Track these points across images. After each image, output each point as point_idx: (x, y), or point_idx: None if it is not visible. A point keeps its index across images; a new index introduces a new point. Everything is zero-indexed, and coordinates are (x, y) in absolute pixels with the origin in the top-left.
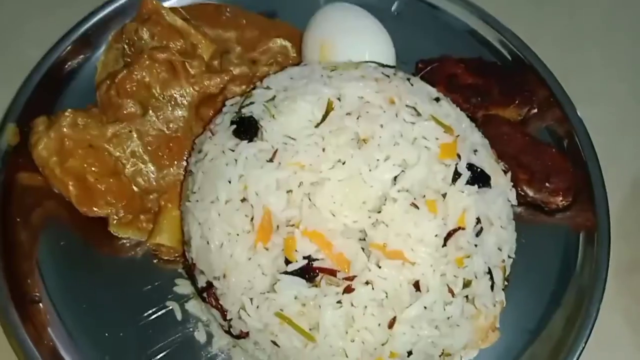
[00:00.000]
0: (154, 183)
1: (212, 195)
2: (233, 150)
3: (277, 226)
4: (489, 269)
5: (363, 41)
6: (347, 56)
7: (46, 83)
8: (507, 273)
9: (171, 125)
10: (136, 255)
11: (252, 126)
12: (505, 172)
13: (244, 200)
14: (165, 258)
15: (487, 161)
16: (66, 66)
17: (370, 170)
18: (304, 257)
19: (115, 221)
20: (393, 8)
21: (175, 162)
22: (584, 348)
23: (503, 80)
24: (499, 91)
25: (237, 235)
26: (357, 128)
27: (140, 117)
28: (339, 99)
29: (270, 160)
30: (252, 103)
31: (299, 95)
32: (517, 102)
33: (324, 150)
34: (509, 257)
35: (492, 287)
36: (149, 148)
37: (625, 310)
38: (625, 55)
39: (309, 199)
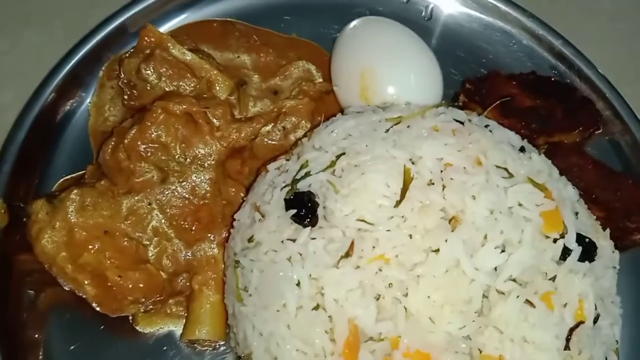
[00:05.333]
0: (183, 262)
1: (277, 302)
2: (294, 240)
3: (364, 339)
4: (606, 358)
5: (409, 67)
6: (391, 84)
7: (31, 140)
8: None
9: (197, 191)
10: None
11: (313, 205)
12: (602, 228)
13: (317, 307)
14: (204, 349)
15: (589, 223)
16: (52, 116)
17: (471, 258)
18: None
19: (141, 314)
20: (423, 13)
21: (208, 236)
22: None
23: (565, 100)
24: (563, 114)
25: (315, 356)
26: (444, 202)
27: (159, 185)
28: (413, 163)
29: (347, 255)
30: (308, 174)
31: (366, 164)
32: (582, 128)
33: (410, 236)
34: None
35: None
36: (173, 222)
37: None
38: None
39: (404, 307)
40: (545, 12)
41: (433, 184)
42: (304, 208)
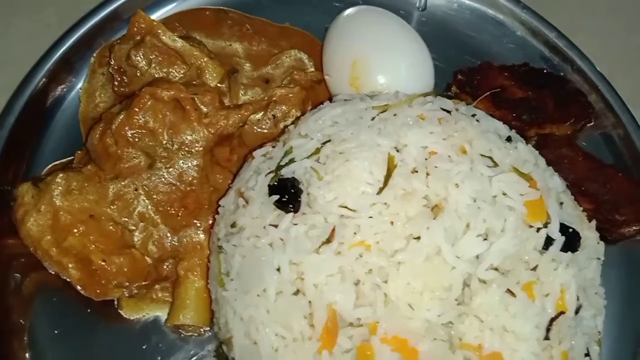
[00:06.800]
0: (169, 248)
1: (258, 287)
2: (276, 226)
3: (343, 325)
4: (587, 349)
5: (401, 57)
6: (381, 74)
7: (21, 125)
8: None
9: (184, 177)
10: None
11: (296, 192)
12: (591, 220)
13: (297, 292)
14: (189, 334)
15: (574, 213)
16: (42, 101)
17: (453, 246)
18: None
19: (126, 299)
20: (417, 4)
21: (194, 222)
22: None
23: (557, 92)
24: (554, 105)
25: (294, 340)
26: (427, 190)
27: (146, 170)
28: (397, 150)
29: (328, 241)
30: (292, 160)
31: (350, 151)
32: (573, 120)
33: (392, 223)
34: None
35: None
36: (160, 208)
37: None
38: None
39: (384, 293)
40: (539, 4)
41: (417, 171)
42: (287, 194)
